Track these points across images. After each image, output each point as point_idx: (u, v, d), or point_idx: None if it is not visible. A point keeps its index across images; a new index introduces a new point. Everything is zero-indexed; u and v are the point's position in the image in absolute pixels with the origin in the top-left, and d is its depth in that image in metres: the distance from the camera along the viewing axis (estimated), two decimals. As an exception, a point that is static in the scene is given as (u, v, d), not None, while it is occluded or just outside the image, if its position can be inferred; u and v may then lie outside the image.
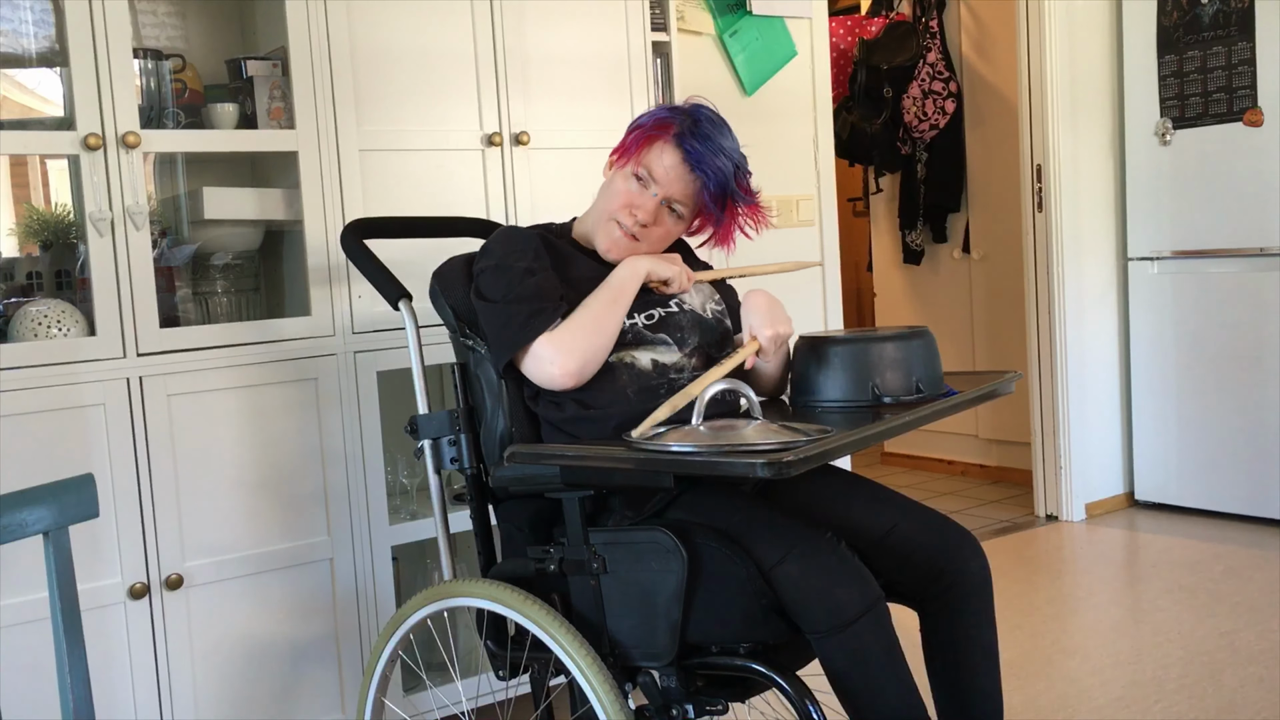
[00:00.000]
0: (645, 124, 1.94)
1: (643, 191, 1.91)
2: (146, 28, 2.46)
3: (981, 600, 1.79)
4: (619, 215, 1.92)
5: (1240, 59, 3.89)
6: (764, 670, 1.62)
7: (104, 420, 2.12)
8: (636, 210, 1.91)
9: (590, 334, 1.82)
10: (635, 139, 1.93)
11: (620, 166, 1.95)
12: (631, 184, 1.92)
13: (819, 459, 1.44)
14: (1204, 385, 4.09)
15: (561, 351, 1.80)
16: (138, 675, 2.16)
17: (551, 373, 1.80)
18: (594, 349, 1.82)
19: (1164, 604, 3.26)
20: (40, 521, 1.38)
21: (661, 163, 1.90)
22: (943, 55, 4.85)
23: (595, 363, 1.82)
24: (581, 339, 1.81)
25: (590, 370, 1.82)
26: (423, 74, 2.47)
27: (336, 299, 2.37)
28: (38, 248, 2.33)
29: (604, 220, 1.94)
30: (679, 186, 1.91)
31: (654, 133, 1.91)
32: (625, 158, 1.95)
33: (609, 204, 1.94)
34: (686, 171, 1.90)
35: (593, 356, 1.81)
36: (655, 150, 1.91)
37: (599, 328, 1.83)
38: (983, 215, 4.90)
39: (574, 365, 1.80)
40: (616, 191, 1.93)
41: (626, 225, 1.92)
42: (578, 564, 1.70)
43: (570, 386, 1.81)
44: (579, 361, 1.80)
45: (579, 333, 1.82)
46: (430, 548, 2.57)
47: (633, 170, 1.92)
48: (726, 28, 3.51)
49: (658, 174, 1.90)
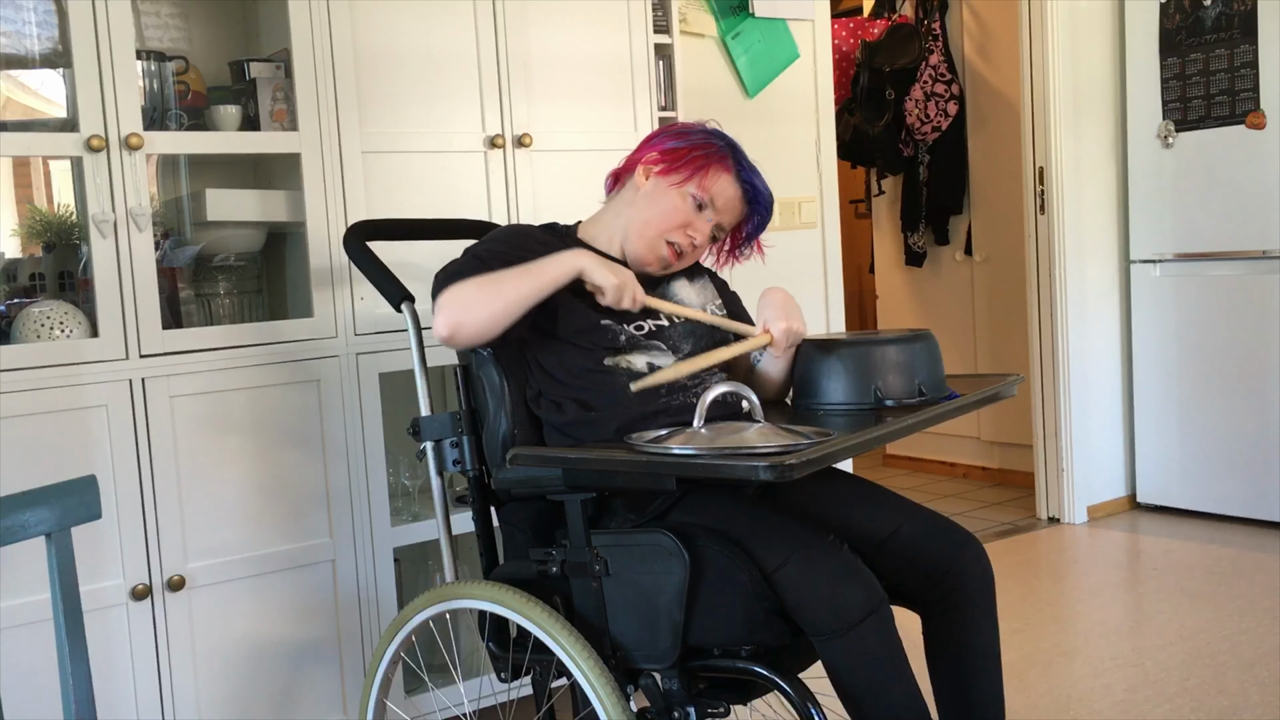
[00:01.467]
0: (695, 146, 1.93)
1: (699, 215, 1.92)
2: (149, 29, 2.46)
3: (984, 603, 1.79)
4: (674, 235, 1.91)
5: (1243, 61, 3.89)
6: (766, 673, 1.62)
7: (106, 421, 2.12)
8: (693, 233, 1.92)
9: (481, 294, 1.75)
10: (694, 160, 1.92)
11: (675, 184, 1.92)
12: (689, 204, 1.92)
13: (821, 462, 1.44)
14: (1206, 388, 4.09)
15: (449, 302, 1.75)
16: (140, 676, 2.16)
17: (436, 323, 1.75)
18: (479, 311, 1.74)
19: (1166, 606, 3.26)
20: (42, 523, 1.38)
21: (726, 193, 1.93)
22: (945, 57, 4.85)
23: (475, 324, 1.74)
24: (469, 295, 1.75)
25: (470, 331, 1.75)
26: (425, 76, 2.47)
27: (339, 301, 2.37)
28: (41, 249, 2.33)
29: (653, 234, 1.92)
30: (731, 216, 1.97)
31: (716, 160, 1.93)
32: (680, 176, 1.92)
33: (663, 221, 1.91)
34: (743, 205, 1.96)
35: (474, 317, 1.74)
36: (721, 180, 1.93)
37: (496, 291, 1.76)
38: (985, 217, 4.90)
39: (454, 318, 1.73)
40: (673, 209, 1.91)
41: (680, 245, 1.92)
42: (580, 566, 1.70)
43: (446, 340, 1.75)
44: (458, 315, 1.73)
45: (470, 288, 1.76)
46: (432, 549, 2.57)
47: (693, 192, 1.92)
48: (729, 30, 3.52)
49: (720, 203, 1.93)
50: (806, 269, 3.72)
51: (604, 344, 1.84)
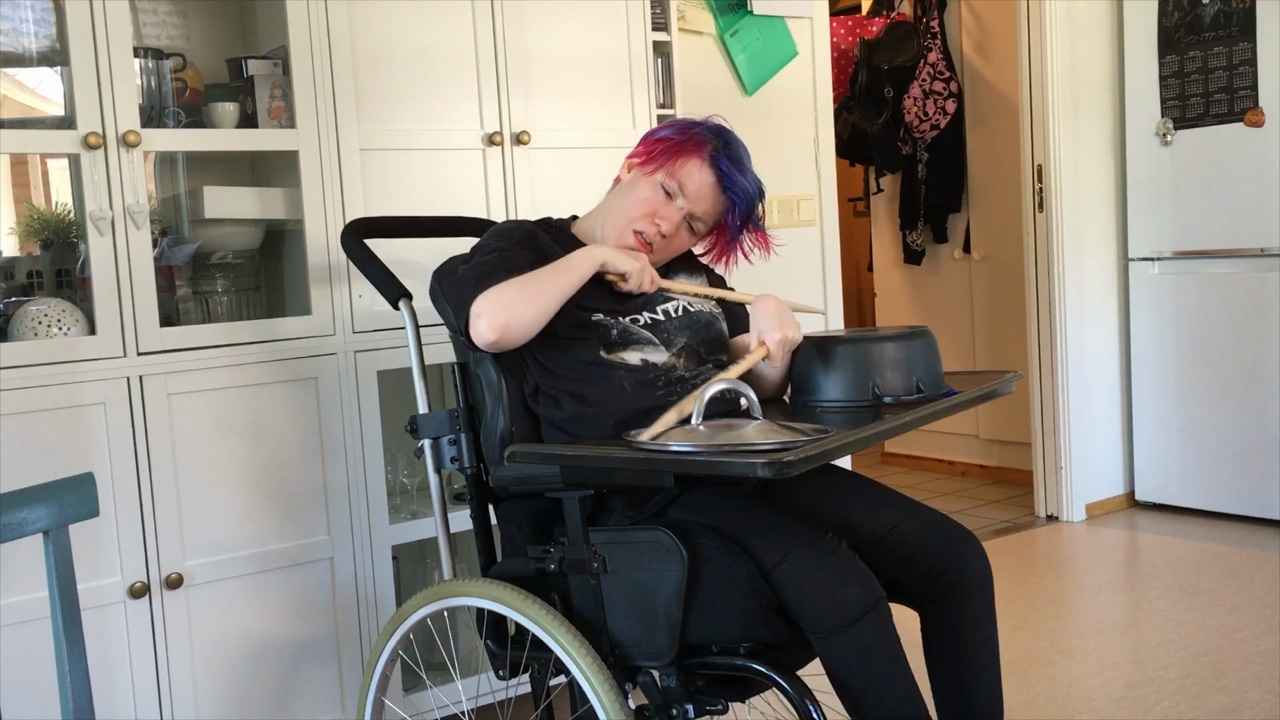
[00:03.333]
0: (674, 136, 1.94)
1: (669, 203, 1.92)
2: (147, 27, 2.46)
3: (982, 600, 1.79)
4: (640, 224, 1.92)
5: (1241, 59, 3.89)
6: (764, 670, 1.62)
7: (104, 419, 2.11)
8: (660, 221, 1.92)
9: (523, 295, 1.76)
10: (666, 149, 1.93)
11: (647, 173, 1.94)
12: (658, 193, 1.92)
13: (819, 459, 1.44)
14: (1204, 385, 4.09)
15: (490, 305, 1.74)
16: (138, 674, 2.16)
17: (479, 327, 1.74)
18: (524, 311, 1.75)
19: (1164, 604, 3.26)
20: (40, 520, 1.38)
21: (694, 179, 1.92)
22: (944, 55, 4.85)
23: (522, 325, 1.75)
24: (510, 296, 1.75)
25: (516, 333, 1.75)
26: (423, 73, 2.47)
27: (337, 298, 2.37)
28: (38, 247, 2.33)
29: (622, 224, 1.93)
30: (706, 205, 1.94)
31: (688, 148, 1.92)
32: (653, 165, 1.94)
33: (631, 210, 1.93)
34: (718, 192, 1.94)
35: (520, 317, 1.75)
36: (688, 166, 1.92)
37: (536, 290, 1.77)
38: (983, 215, 4.90)
39: (500, 320, 1.73)
40: (641, 199, 1.93)
41: (648, 234, 1.92)
42: (578, 563, 1.69)
43: (493, 344, 1.75)
44: (505, 317, 1.74)
45: (510, 290, 1.76)
46: (430, 547, 2.57)
47: (662, 180, 1.92)
48: (727, 27, 3.51)
49: (689, 189, 1.92)
50: (805, 267, 3.72)
51: (597, 337, 1.84)
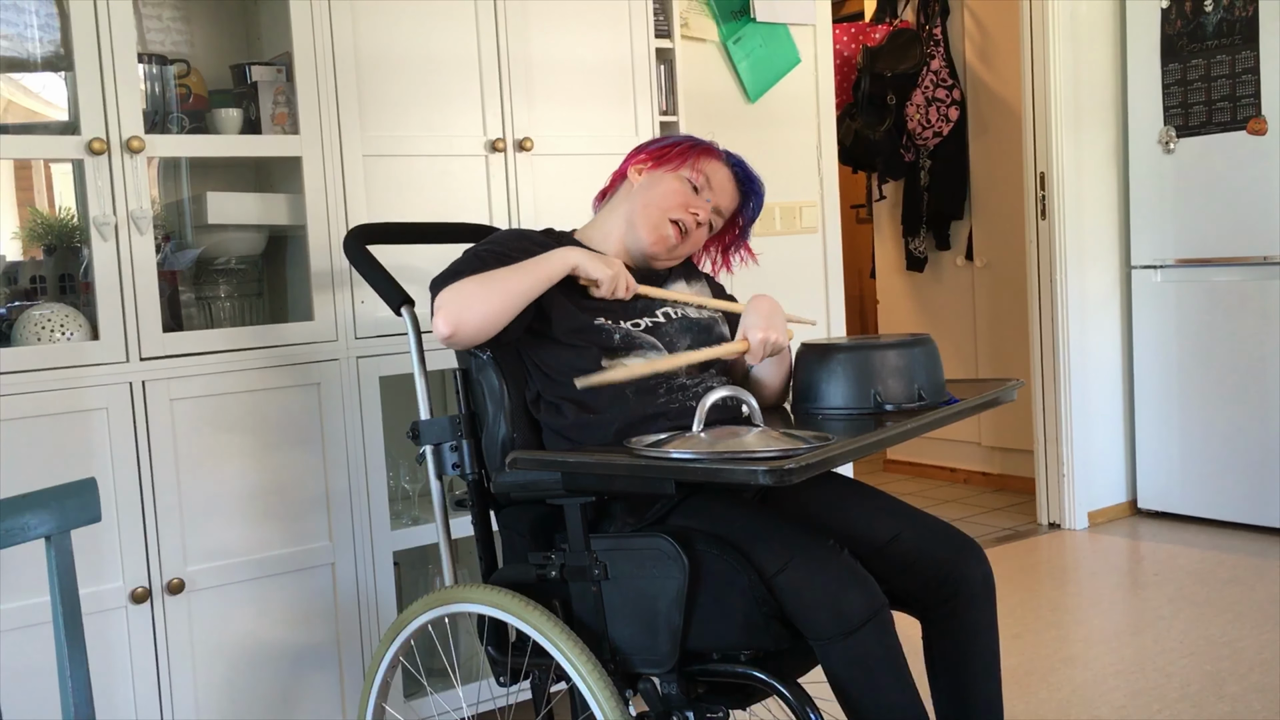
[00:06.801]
0: (684, 140, 2.05)
1: (698, 196, 2.00)
2: (151, 33, 2.47)
3: (984, 608, 1.79)
4: (676, 213, 1.97)
5: (1244, 67, 3.89)
6: (765, 677, 1.62)
7: (106, 424, 2.12)
8: (696, 211, 1.98)
9: (482, 290, 1.76)
10: (681, 150, 2.03)
11: (669, 170, 2.01)
12: (687, 187, 1.99)
13: (820, 466, 1.44)
14: (1207, 393, 4.09)
15: (448, 299, 1.75)
16: (139, 679, 2.16)
17: (435, 321, 1.75)
18: (479, 306, 1.74)
19: (1166, 612, 3.25)
20: (42, 525, 1.38)
21: (718, 174, 2.03)
22: (946, 63, 4.86)
23: (477, 320, 1.75)
24: (469, 290, 1.76)
25: (471, 328, 1.75)
26: (426, 79, 2.47)
27: (339, 304, 2.37)
28: (41, 251, 2.34)
29: (656, 215, 1.97)
30: (727, 200, 2.05)
31: (702, 148, 2.04)
32: (671, 164, 2.01)
33: (664, 200, 1.98)
34: (736, 188, 2.06)
35: (474, 311, 1.74)
36: (710, 163, 2.03)
37: (500, 287, 1.77)
38: (986, 222, 4.90)
39: (454, 315, 1.73)
40: (672, 190, 1.99)
41: (685, 223, 1.98)
42: (579, 570, 1.69)
43: (448, 338, 1.75)
44: (459, 312, 1.74)
45: (469, 285, 1.77)
46: (432, 553, 2.57)
47: (688, 175, 2.00)
48: (730, 34, 3.52)
49: (715, 183, 2.02)
50: (807, 273, 3.72)
51: (599, 343, 1.84)
